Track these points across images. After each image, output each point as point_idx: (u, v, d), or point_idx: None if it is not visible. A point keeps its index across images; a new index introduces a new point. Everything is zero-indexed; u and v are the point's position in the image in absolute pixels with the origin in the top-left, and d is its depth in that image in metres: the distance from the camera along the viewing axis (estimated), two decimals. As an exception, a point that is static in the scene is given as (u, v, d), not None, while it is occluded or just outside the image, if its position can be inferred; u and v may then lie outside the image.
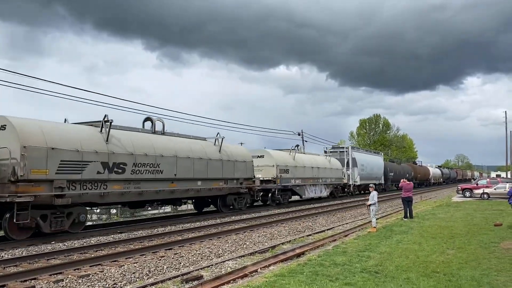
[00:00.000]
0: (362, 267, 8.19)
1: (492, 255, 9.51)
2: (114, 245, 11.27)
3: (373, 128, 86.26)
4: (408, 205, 17.44)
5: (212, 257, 10.16)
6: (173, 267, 9.02)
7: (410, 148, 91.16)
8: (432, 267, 8.26)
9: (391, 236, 12.41)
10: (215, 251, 10.73)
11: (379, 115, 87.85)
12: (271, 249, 11.01)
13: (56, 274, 8.13)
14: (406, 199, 17.60)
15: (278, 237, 13.42)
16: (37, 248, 10.80)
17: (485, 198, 30.08)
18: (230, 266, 8.96)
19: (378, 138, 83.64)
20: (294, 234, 14.10)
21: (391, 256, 9.28)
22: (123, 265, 8.91)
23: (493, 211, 20.25)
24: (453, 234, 12.71)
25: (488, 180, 38.22)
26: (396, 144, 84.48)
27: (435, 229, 13.75)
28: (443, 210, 21.02)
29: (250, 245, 11.84)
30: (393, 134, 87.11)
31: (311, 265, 8.41)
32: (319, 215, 20.00)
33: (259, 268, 8.59)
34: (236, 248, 11.33)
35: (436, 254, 9.62)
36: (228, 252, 10.74)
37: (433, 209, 22.08)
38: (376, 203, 14.37)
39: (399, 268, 8.14)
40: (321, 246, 11.34)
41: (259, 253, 10.44)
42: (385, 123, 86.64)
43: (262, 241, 12.49)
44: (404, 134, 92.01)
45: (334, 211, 21.83)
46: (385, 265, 8.36)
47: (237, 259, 9.71)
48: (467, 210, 21.13)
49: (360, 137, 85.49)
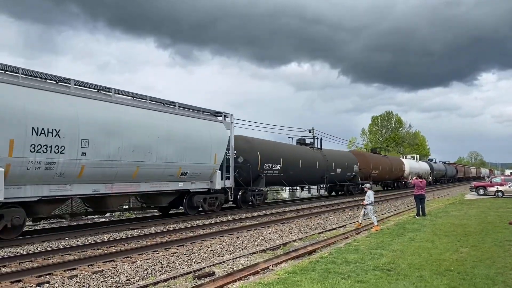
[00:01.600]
0: (375, 265, 8.14)
1: (507, 253, 9.38)
2: (127, 242, 11.37)
3: (385, 125, 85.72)
4: (421, 202, 17.30)
5: (223, 253, 10.19)
6: (185, 263, 9.08)
7: (422, 145, 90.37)
8: (446, 265, 8.18)
9: (404, 234, 12.32)
10: (226, 247, 10.77)
11: (392, 112, 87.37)
12: (283, 246, 11.02)
13: (70, 270, 8.23)
14: (418, 196, 17.45)
15: (289, 234, 13.41)
16: (51, 244, 10.95)
17: (499, 196, 29.68)
18: (242, 263, 8.98)
19: (390, 135, 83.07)
20: (306, 231, 14.08)
21: (404, 254, 9.22)
22: (136, 261, 8.98)
23: (508, 209, 19.98)
24: (466, 232, 12.57)
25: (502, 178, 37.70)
26: (408, 141, 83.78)
27: (448, 227, 13.62)
28: (456, 208, 20.80)
29: (261, 242, 11.85)
30: (405, 131, 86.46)
31: (323, 263, 8.39)
32: (330, 212, 19.94)
33: (270, 265, 8.59)
34: (248, 245, 11.35)
35: (449, 252, 9.52)
36: (239, 249, 10.76)
37: (446, 207, 21.86)
38: (372, 202, 14.30)
39: (412, 266, 8.08)
40: (333, 244, 11.30)
41: (270, 250, 10.44)
42: (398, 120, 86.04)
43: (274, 238, 12.49)
44: (417, 131, 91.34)
45: (346, 209, 21.73)
46: (397, 263, 8.30)
47: (248, 256, 9.73)
48: (480, 208, 20.88)
49: (372, 134, 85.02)
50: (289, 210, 20.95)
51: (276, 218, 17.11)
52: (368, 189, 14.73)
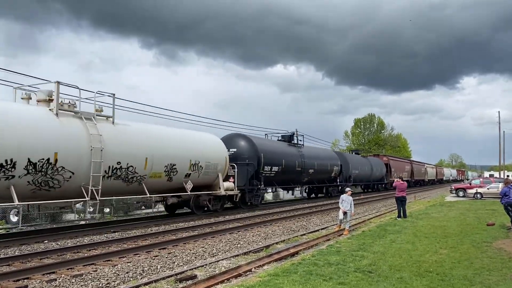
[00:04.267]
0: (356, 267, 8.22)
1: (484, 254, 9.58)
2: (108, 245, 11.22)
3: (368, 128, 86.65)
4: (402, 204, 17.53)
5: (206, 256, 10.15)
6: (167, 266, 9.00)
7: (404, 148, 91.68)
8: (425, 266, 8.31)
9: (385, 235, 12.46)
10: (209, 250, 10.73)
11: (374, 114, 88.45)
12: (265, 248, 11.02)
13: (49, 274, 8.09)
14: (399, 198, 17.68)
15: (272, 236, 13.43)
16: (29, 248, 10.74)
17: (478, 198, 30.28)
18: (224, 266, 8.96)
19: (372, 137, 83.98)
20: (288, 233, 14.12)
21: (385, 256, 9.33)
22: (117, 265, 8.88)
23: (486, 210, 20.39)
24: (446, 233, 12.79)
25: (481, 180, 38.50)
26: (390, 144, 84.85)
27: (429, 229, 13.83)
28: (436, 210, 21.14)
29: (244, 244, 11.84)
30: (387, 134, 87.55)
31: (305, 265, 8.43)
32: (313, 214, 20.04)
33: (253, 268, 8.59)
34: (230, 247, 11.32)
35: (429, 253, 9.67)
36: (222, 252, 10.73)
37: (426, 208, 22.20)
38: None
39: (393, 267, 8.18)
40: (315, 246, 11.36)
41: (253, 253, 10.44)
42: (380, 123, 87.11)
43: (257, 241, 12.50)
44: (399, 134, 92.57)
45: (328, 211, 21.87)
46: (378, 265, 8.40)
47: (231, 259, 9.70)
48: (460, 209, 21.27)
49: (355, 136, 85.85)
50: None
51: (259, 220, 17.12)
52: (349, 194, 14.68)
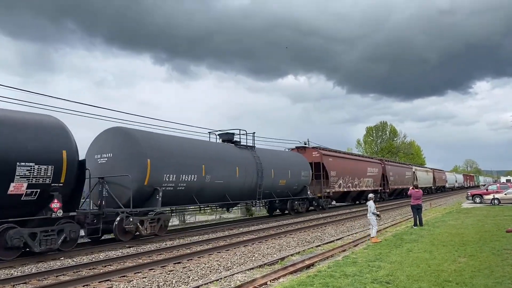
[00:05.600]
0: (373, 278, 8.09)
1: (505, 262, 9.35)
2: (123, 260, 11.24)
3: (380, 136, 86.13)
4: (418, 212, 17.30)
5: (221, 270, 10.10)
6: (182, 281, 8.97)
7: (418, 155, 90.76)
8: (444, 276, 8.14)
9: (402, 245, 12.27)
10: (223, 264, 10.67)
11: (386, 122, 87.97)
12: (280, 260, 10.93)
13: (65, 291, 8.11)
14: (415, 206, 17.45)
15: (287, 248, 13.32)
16: (46, 265, 10.80)
17: (496, 203, 29.73)
18: (239, 279, 8.89)
19: (385, 145, 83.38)
20: (303, 245, 14.00)
21: (402, 266, 9.17)
22: (132, 280, 8.87)
23: (504, 217, 19.99)
24: (464, 241, 12.54)
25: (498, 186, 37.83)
26: (403, 151, 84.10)
27: (446, 237, 13.59)
28: (453, 217, 20.79)
29: (259, 257, 11.76)
30: (400, 141, 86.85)
31: (321, 277, 8.32)
32: (327, 224, 19.86)
33: (268, 281, 8.51)
34: (245, 260, 11.25)
35: (447, 262, 9.48)
36: (237, 265, 10.67)
37: (443, 216, 21.85)
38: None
39: (411, 277, 8.03)
40: (331, 257, 11.23)
41: (268, 265, 10.35)
42: (392, 130, 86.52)
43: (271, 253, 12.40)
44: (412, 141, 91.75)
45: (343, 221, 21.67)
46: (396, 275, 8.25)
47: (246, 272, 9.63)
48: (477, 216, 20.88)
49: (367, 144, 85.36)
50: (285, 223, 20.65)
51: (273, 232, 17.02)
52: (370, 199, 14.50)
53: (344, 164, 32.71)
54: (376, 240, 13.22)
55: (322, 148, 31.71)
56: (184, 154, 16.65)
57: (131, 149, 14.81)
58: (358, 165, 35.96)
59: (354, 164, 34.95)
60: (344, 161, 33.16)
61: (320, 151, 29.88)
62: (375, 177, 38.93)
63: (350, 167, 33.54)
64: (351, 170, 33.48)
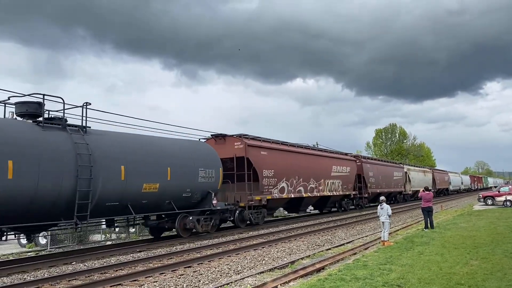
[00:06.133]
0: (384, 281, 8.05)
1: (518, 265, 9.26)
2: (134, 264, 11.31)
3: (390, 138, 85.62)
4: (429, 215, 17.17)
5: (231, 274, 10.11)
6: (192, 285, 9.00)
7: (428, 157, 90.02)
8: (456, 279, 8.07)
9: (412, 247, 12.20)
10: (234, 267, 10.69)
11: (395, 124, 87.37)
12: (291, 264, 10.92)
13: (78, 295, 8.18)
14: (426, 209, 17.33)
15: (297, 251, 13.30)
16: (58, 269, 10.91)
17: (508, 205, 29.38)
18: (250, 283, 8.89)
19: (395, 147, 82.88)
20: (313, 248, 13.96)
21: (413, 269, 9.11)
22: (143, 284, 8.93)
23: (517, 218, 19.76)
24: (476, 244, 12.43)
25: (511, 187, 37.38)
26: (413, 153, 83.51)
27: (458, 239, 13.47)
28: (464, 219, 20.60)
29: (269, 260, 11.76)
30: (410, 143, 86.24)
31: (332, 280, 8.31)
32: (338, 228, 19.79)
33: (279, 285, 8.51)
34: (255, 264, 11.26)
35: (459, 265, 9.41)
36: (247, 269, 10.67)
37: (454, 218, 21.66)
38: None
39: (422, 280, 7.98)
40: (341, 260, 11.19)
41: (278, 269, 10.35)
42: (402, 132, 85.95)
43: (281, 257, 12.39)
44: (422, 143, 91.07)
45: (353, 224, 21.58)
46: (407, 278, 8.20)
47: (256, 276, 9.64)
48: (489, 218, 20.66)
49: (377, 147, 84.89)
50: (296, 227, 20.60)
51: (283, 235, 17.00)
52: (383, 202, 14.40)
53: (291, 160, 23.34)
54: (389, 243, 13.16)
55: (250, 137, 21.14)
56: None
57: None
58: (316, 162, 26.47)
59: (308, 161, 25.39)
60: (289, 156, 23.57)
61: (245, 141, 19.99)
62: (346, 178, 30.01)
63: (301, 165, 24.34)
64: (303, 169, 24.41)
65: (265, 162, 20.95)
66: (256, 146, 20.84)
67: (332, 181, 28.03)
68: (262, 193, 20.41)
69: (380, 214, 14.02)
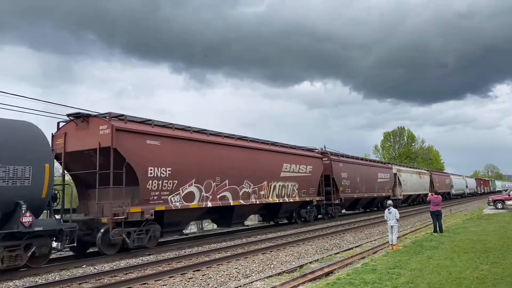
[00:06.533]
0: (393, 285, 8.04)
1: (528, 269, 9.19)
2: (143, 268, 11.39)
3: (398, 141, 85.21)
4: (438, 219, 17.07)
5: (240, 277, 10.15)
6: (201, 288, 9.05)
7: (436, 160, 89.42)
8: (466, 283, 8.04)
9: (421, 251, 12.14)
10: (242, 271, 10.72)
11: (403, 127, 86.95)
12: (299, 268, 10.93)
13: (88, 298, 8.26)
14: (434, 212, 17.23)
15: (305, 255, 13.30)
16: (69, 273, 11.02)
17: (519, 209, 29.07)
18: (258, 287, 8.93)
19: (403, 150, 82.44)
20: (322, 252, 13.95)
21: (423, 273, 9.09)
22: (153, 288, 8.99)
23: (528, 222, 19.57)
24: (486, 248, 12.34)
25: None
26: (422, 157, 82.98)
27: (467, 243, 13.39)
28: (474, 223, 20.43)
29: (277, 264, 11.78)
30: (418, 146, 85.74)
31: (341, 284, 8.31)
32: (346, 232, 19.74)
33: (287, 288, 8.53)
34: (264, 268, 11.28)
35: (469, 269, 9.36)
36: (255, 272, 10.70)
37: (463, 222, 21.50)
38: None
39: (431, 285, 7.96)
40: (350, 264, 11.18)
41: (287, 273, 10.37)
42: (410, 136, 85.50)
43: (290, 261, 12.40)
44: (430, 146, 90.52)
45: (362, 227, 21.50)
46: (416, 282, 8.18)
47: (265, 280, 9.67)
48: (500, 222, 20.47)
49: (385, 150, 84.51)
50: (304, 231, 20.55)
51: (291, 239, 17.01)
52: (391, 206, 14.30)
53: (207, 154, 16.65)
54: (397, 247, 13.11)
55: (128, 118, 14.39)
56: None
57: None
58: (255, 159, 19.51)
59: (240, 156, 18.51)
60: (204, 149, 16.59)
61: (113, 123, 13.55)
62: (304, 180, 23.24)
63: (228, 162, 17.69)
64: (231, 168, 17.85)
65: (153, 156, 14.31)
66: (135, 132, 13.96)
67: (281, 184, 21.36)
68: (148, 202, 13.99)
69: (388, 218, 13.96)
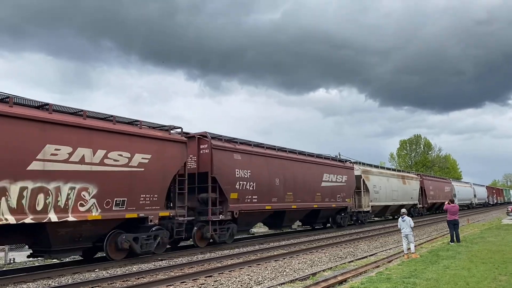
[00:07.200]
0: (408, 295, 7.85)
1: (549, 281, 8.90)
2: (155, 273, 11.38)
3: (414, 149, 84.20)
4: (455, 228, 16.72)
5: (252, 284, 10.05)
6: (213, 295, 8.99)
7: (453, 169, 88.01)
8: (484, 294, 7.81)
9: (438, 261, 11.88)
10: (254, 278, 10.62)
11: (420, 135, 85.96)
12: (312, 276, 10.78)
13: (100, 302, 8.27)
14: (451, 222, 16.89)
15: (318, 263, 13.14)
16: (81, 276, 11.08)
17: (539, 219, 28.21)
18: (270, 294, 8.82)
19: (419, 159, 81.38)
20: (335, 260, 13.76)
21: (439, 283, 8.86)
22: (164, 293, 8.96)
23: (549, 233, 19.04)
24: (505, 259, 12.01)
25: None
26: (438, 165, 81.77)
27: (485, 254, 13.06)
28: (492, 233, 19.96)
29: (290, 272, 11.65)
30: (435, 155, 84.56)
31: (354, 293, 8.15)
32: (360, 240, 19.48)
33: (300, 296, 8.40)
34: (276, 275, 11.16)
35: (487, 280, 9.10)
36: (268, 280, 10.59)
37: (481, 232, 21.02)
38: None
39: (448, 295, 7.75)
40: (364, 273, 10.99)
41: (299, 280, 10.23)
42: (426, 144, 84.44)
43: (302, 268, 12.26)
44: (447, 155, 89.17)
45: (376, 236, 21.20)
46: (432, 293, 7.98)
47: (277, 287, 9.56)
48: (519, 233, 19.96)
49: (401, 158, 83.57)
50: (317, 238, 20.44)
51: (304, 247, 16.84)
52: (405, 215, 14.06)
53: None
54: (416, 256, 12.87)
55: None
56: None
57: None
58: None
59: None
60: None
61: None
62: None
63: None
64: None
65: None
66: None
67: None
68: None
69: (402, 227, 13.71)
